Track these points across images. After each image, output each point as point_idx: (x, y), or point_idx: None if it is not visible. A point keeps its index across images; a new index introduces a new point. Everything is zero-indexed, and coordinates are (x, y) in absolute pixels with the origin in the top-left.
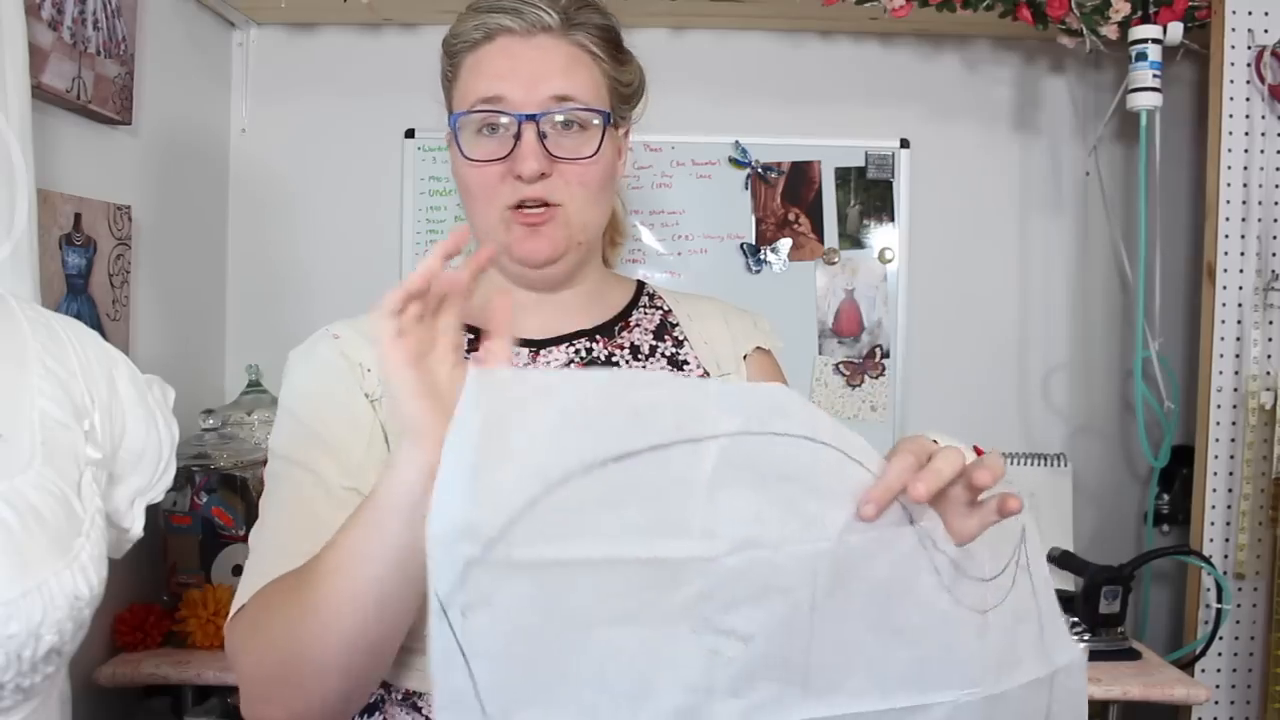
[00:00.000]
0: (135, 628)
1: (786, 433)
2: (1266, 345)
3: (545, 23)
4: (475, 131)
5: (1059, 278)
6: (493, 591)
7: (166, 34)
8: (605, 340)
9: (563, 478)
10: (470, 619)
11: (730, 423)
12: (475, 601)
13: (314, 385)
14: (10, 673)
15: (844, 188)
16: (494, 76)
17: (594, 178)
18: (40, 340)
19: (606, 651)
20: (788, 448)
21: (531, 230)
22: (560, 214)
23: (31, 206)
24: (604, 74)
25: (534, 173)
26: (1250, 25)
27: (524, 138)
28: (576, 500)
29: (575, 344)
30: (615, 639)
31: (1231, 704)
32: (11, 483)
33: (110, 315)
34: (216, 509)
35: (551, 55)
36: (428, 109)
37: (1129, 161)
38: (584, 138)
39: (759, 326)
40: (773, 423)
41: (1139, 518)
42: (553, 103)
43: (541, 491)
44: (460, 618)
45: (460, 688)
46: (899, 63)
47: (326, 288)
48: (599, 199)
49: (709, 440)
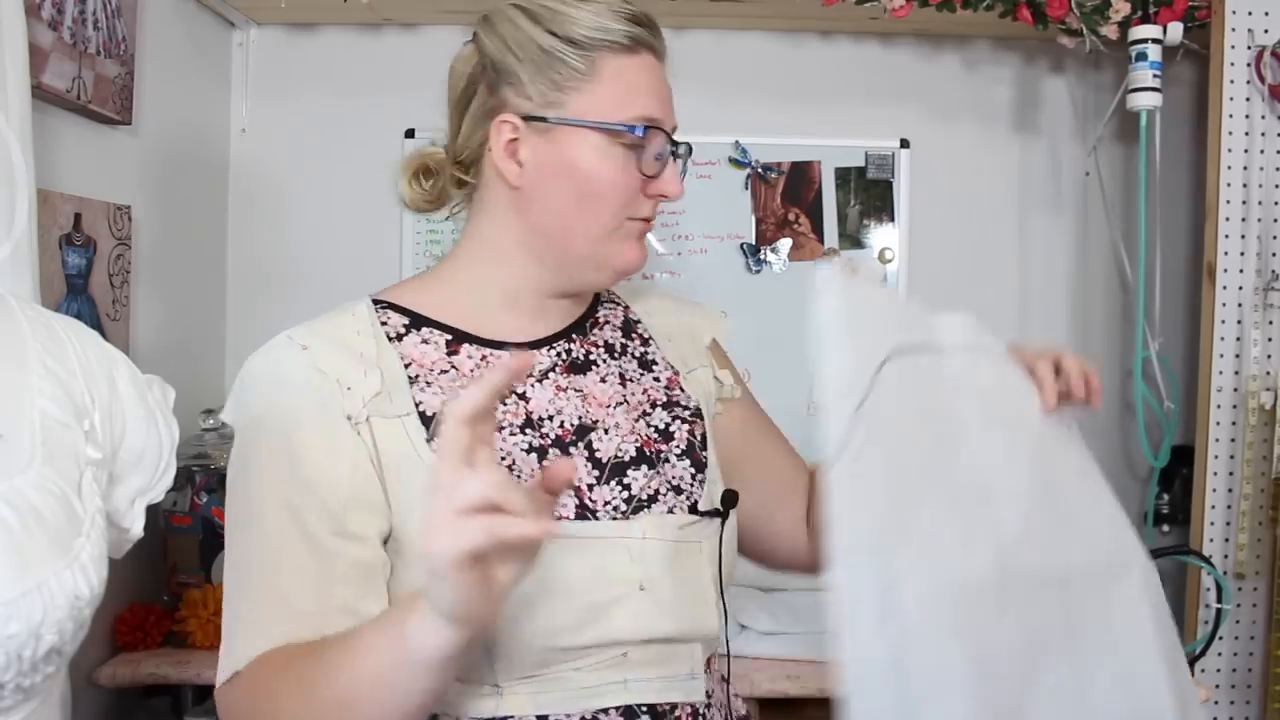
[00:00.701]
0: (135, 628)
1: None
2: (1266, 345)
3: (664, 51)
4: (629, 145)
5: (1059, 278)
6: (867, 440)
7: (166, 34)
8: (580, 339)
9: (894, 351)
10: (859, 461)
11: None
12: (859, 446)
13: (286, 409)
14: (10, 673)
15: (844, 188)
16: (651, 95)
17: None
18: (40, 340)
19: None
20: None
21: (639, 242)
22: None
23: (31, 206)
24: None
25: (679, 196)
26: (1250, 25)
27: (676, 164)
28: (899, 371)
29: (555, 346)
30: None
31: (1231, 704)
32: (11, 483)
33: (110, 315)
34: (216, 509)
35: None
36: (428, 109)
37: (1129, 161)
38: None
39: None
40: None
41: (1139, 518)
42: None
43: (884, 359)
44: (851, 462)
45: (861, 498)
46: (899, 63)
47: (326, 288)
48: None
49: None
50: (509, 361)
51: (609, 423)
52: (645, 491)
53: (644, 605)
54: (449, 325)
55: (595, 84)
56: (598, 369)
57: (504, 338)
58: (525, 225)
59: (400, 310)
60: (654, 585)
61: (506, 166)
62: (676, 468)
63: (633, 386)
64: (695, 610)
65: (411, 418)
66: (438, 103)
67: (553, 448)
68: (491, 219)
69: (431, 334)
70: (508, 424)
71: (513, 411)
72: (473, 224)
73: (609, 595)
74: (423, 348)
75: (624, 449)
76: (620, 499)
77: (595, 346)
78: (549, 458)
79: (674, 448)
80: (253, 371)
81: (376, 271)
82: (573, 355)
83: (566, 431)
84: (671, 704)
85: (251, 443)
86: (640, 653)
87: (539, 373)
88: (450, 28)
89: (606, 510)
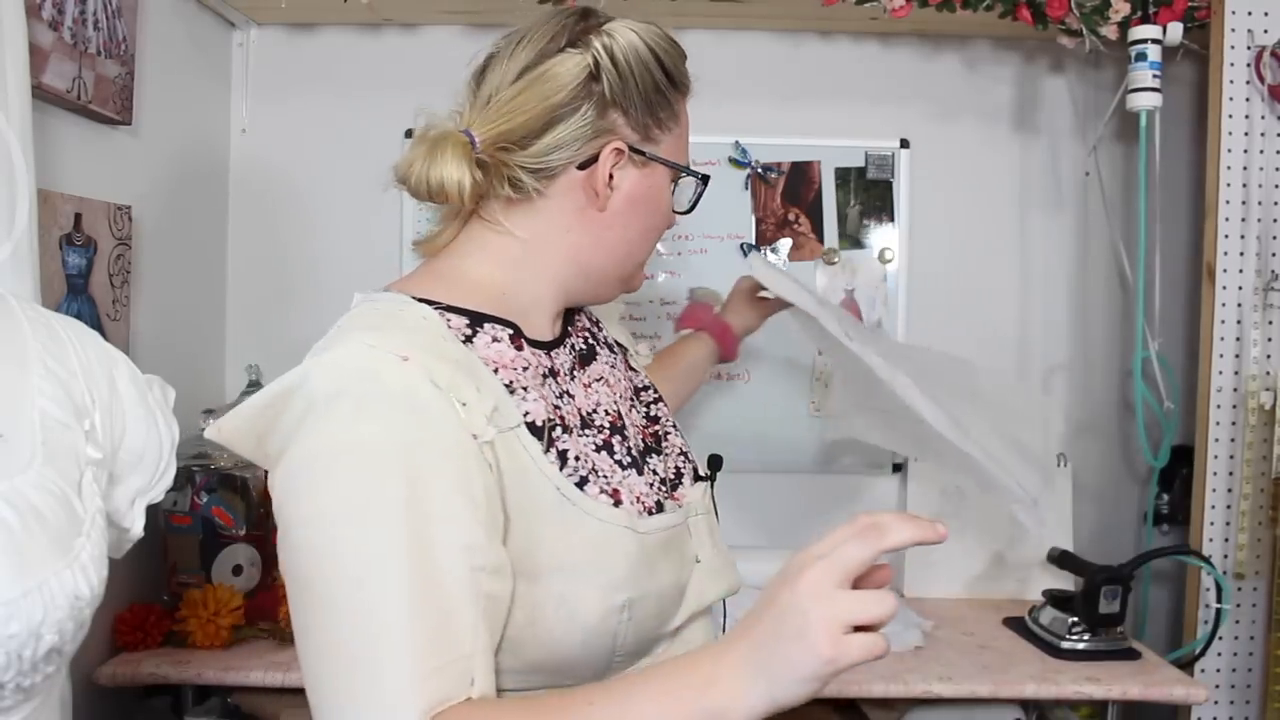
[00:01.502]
0: (135, 628)
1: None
2: (1266, 345)
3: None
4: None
5: (1059, 278)
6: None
7: (166, 34)
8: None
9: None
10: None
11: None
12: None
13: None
14: (10, 672)
15: (844, 188)
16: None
17: None
18: (41, 340)
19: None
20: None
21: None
22: None
23: (31, 206)
24: None
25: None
26: (1250, 25)
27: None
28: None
29: (566, 343)
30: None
31: (1231, 704)
32: (12, 483)
33: (110, 315)
34: (216, 509)
35: None
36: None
37: (1129, 161)
38: None
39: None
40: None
41: (1139, 518)
42: None
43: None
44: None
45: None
46: (899, 63)
47: (326, 288)
48: None
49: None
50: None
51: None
52: (669, 473)
53: (703, 575)
54: (508, 320)
55: (678, 126)
56: (599, 359)
57: (541, 337)
58: (590, 243)
59: (456, 310)
60: (705, 555)
61: (602, 189)
62: (675, 440)
63: (617, 374)
64: (730, 569)
65: (522, 429)
66: (437, 102)
67: (613, 437)
68: (549, 228)
69: (495, 329)
70: (573, 426)
71: (570, 413)
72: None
73: (687, 575)
74: (495, 346)
75: (638, 440)
76: (658, 480)
77: (581, 333)
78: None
79: (664, 427)
80: (335, 389)
81: (377, 271)
82: (578, 349)
83: (615, 418)
84: None
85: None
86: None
87: (566, 369)
88: (450, 28)
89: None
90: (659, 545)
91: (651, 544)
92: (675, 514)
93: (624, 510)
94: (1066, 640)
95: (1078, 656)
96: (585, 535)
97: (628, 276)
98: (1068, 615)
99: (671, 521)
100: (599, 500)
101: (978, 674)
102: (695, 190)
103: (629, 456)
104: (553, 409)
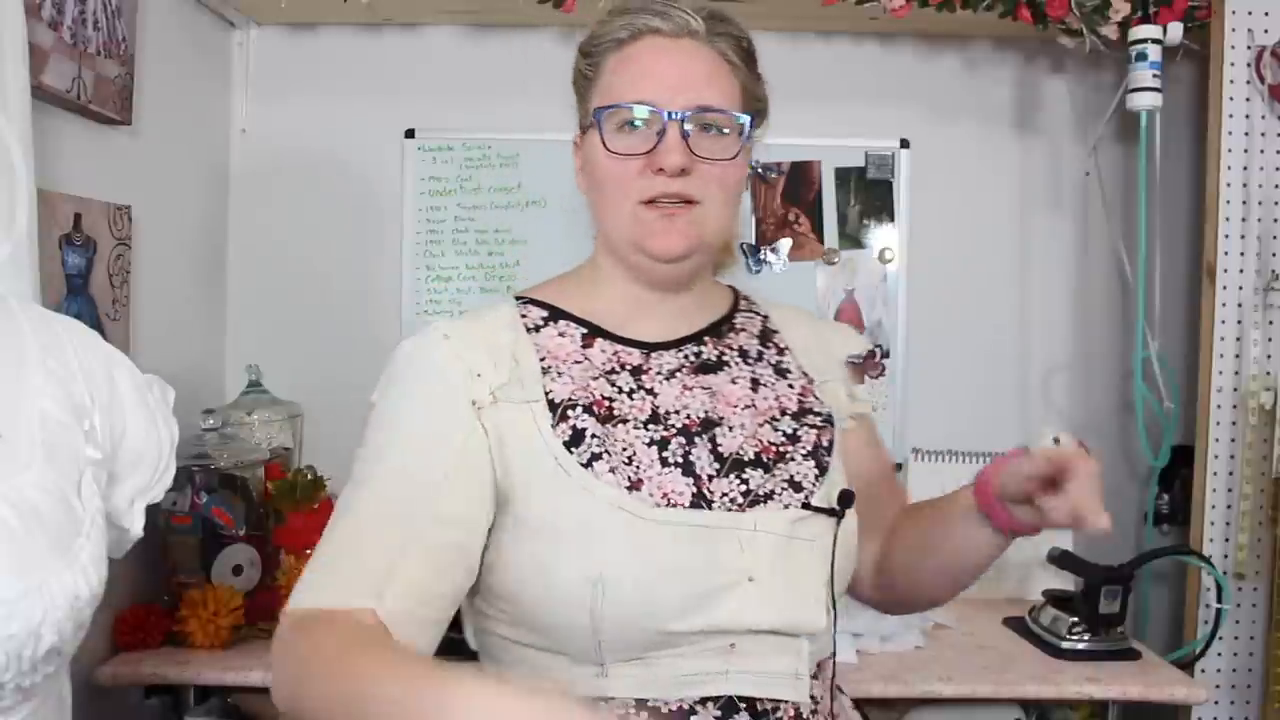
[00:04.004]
0: (135, 628)
1: None
2: (1266, 345)
3: (691, 28)
4: (617, 127)
5: (1059, 278)
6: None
7: (166, 34)
8: (714, 341)
9: None
10: None
11: None
12: None
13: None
14: (10, 673)
15: (844, 188)
16: (641, 75)
17: (731, 180)
18: (41, 341)
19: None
20: None
21: (667, 224)
22: (697, 211)
23: (31, 206)
24: (740, 84)
25: (676, 166)
26: (1250, 25)
27: (669, 134)
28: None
29: (684, 349)
30: None
31: (1231, 704)
32: (12, 483)
33: (110, 315)
34: (216, 509)
35: (696, 59)
36: (428, 109)
37: (1129, 161)
38: (725, 141)
39: (844, 333)
40: None
41: (1139, 518)
42: (697, 105)
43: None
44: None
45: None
46: (899, 63)
47: (327, 288)
48: (731, 203)
49: None
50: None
51: (734, 421)
52: (763, 489)
53: (751, 596)
54: (585, 320)
55: (595, 84)
56: (729, 370)
57: (642, 339)
58: (597, 218)
59: (540, 305)
60: (762, 578)
61: (579, 180)
62: (801, 466)
63: (764, 391)
64: (802, 606)
65: (540, 404)
66: (437, 102)
67: (677, 438)
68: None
69: (568, 327)
70: (632, 418)
71: (638, 406)
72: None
73: (717, 584)
74: (559, 340)
75: (744, 449)
76: (738, 491)
77: (729, 349)
78: (669, 449)
79: (800, 449)
80: (399, 354)
81: (377, 271)
82: (703, 356)
83: (693, 423)
84: (775, 703)
85: (380, 412)
86: (747, 644)
87: (666, 371)
88: (450, 28)
89: (723, 501)
90: (670, 537)
91: (654, 531)
92: (711, 515)
93: (632, 495)
94: (1067, 640)
95: (1078, 656)
96: (572, 505)
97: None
98: (1068, 615)
99: (701, 520)
100: (602, 479)
101: (978, 674)
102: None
103: (682, 459)
104: (583, 393)
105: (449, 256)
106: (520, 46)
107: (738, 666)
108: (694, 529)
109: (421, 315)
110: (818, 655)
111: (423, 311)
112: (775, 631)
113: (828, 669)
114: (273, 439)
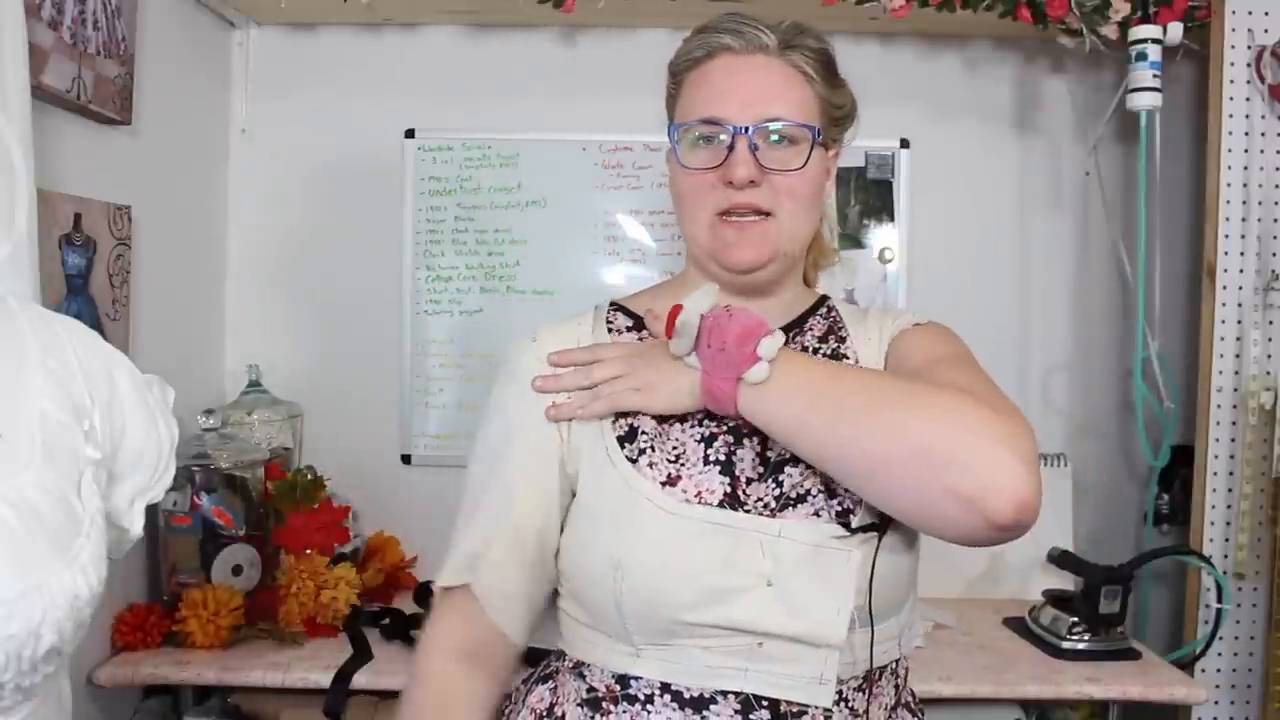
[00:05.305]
0: (135, 628)
1: None
2: (1266, 345)
3: (763, 43)
4: (692, 143)
5: (1059, 278)
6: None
7: (166, 34)
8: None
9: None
10: None
11: None
12: None
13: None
14: (10, 672)
15: (844, 188)
16: (713, 92)
17: (802, 190)
18: (41, 340)
19: None
20: None
21: (739, 235)
22: (771, 223)
23: (31, 206)
24: (816, 94)
25: (744, 179)
26: (1250, 25)
27: (736, 148)
28: None
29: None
30: None
31: (1231, 704)
32: (11, 483)
33: (110, 315)
34: (216, 509)
35: (767, 74)
36: (428, 109)
37: (1129, 161)
38: (794, 152)
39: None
40: None
41: (1139, 518)
42: (766, 118)
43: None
44: None
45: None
46: (899, 63)
47: (326, 288)
48: (806, 211)
49: None
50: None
51: None
52: (796, 490)
53: (767, 600)
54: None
55: (678, 102)
56: None
57: None
58: (684, 236)
59: (628, 312)
60: (782, 583)
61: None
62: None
63: None
64: (821, 616)
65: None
66: (437, 102)
67: (725, 436)
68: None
69: (648, 334)
70: (690, 416)
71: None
72: None
73: (733, 584)
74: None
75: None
76: (771, 496)
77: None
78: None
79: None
80: (505, 352)
81: (377, 271)
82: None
83: (745, 422)
84: (798, 707)
85: (485, 405)
86: (774, 646)
87: None
88: (450, 28)
89: (755, 506)
90: (689, 533)
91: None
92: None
93: (664, 490)
94: (1067, 640)
95: (1078, 656)
96: (611, 494)
97: (706, 250)
98: (1068, 615)
99: (725, 519)
100: (642, 473)
101: (978, 674)
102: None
103: (724, 457)
104: None
105: (449, 256)
106: (520, 46)
107: (758, 666)
108: (715, 527)
109: (421, 315)
110: (860, 667)
111: (422, 311)
112: (796, 639)
113: (885, 682)
114: (273, 439)
